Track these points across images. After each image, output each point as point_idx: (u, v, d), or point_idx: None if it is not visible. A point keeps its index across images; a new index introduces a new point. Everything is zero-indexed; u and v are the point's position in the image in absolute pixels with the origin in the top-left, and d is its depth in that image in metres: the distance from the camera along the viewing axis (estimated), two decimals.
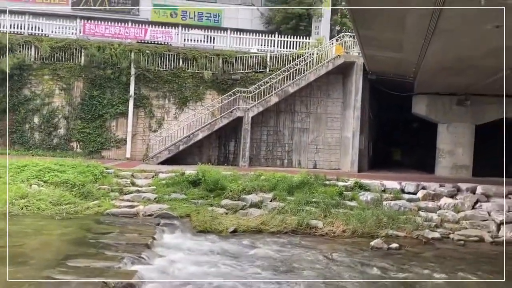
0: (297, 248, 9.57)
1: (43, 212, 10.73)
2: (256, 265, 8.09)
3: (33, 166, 12.89)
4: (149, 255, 7.89)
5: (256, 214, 11.70)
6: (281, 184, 13.20)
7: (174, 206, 11.75)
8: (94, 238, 8.77)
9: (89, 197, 11.97)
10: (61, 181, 12.31)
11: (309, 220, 11.26)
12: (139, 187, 13.32)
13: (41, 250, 7.74)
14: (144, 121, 18.96)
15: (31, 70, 18.49)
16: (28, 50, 18.59)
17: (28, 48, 18.61)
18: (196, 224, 10.68)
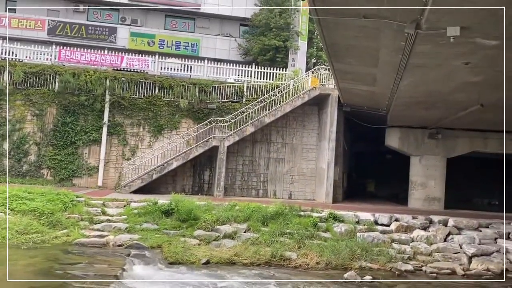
0: (270, 279, 9.43)
1: (8, 242, 10.31)
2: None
3: (0, 193, 12.47)
4: (118, 287, 7.63)
5: (230, 245, 11.53)
6: (256, 215, 13.11)
7: (145, 237, 11.51)
8: (61, 268, 8.48)
9: (57, 226, 11.63)
10: (29, 209, 11.93)
11: (283, 252, 11.16)
12: (110, 216, 13.01)
13: (3, 282, 7.39)
14: (117, 149, 18.69)
15: (2, 95, 18.13)
16: (0, 75, 18.27)
17: (1, 73, 18.29)
18: (167, 255, 10.44)
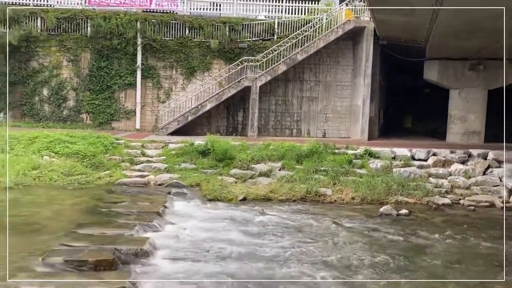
0: (305, 214, 9.62)
1: (55, 183, 10.88)
2: (264, 231, 8.17)
3: (44, 138, 13.01)
4: (160, 222, 8.00)
5: (265, 183, 11.75)
6: (290, 153, 13.20)
7: (184, 176, 11.86)
8: (106, 207, 8.89)
9: (100, 167, 12.10)
10: (72, 152, 12.42)
11: (318, 188, 11.30)
12: (150, 157, 13.41)
13: (54, 219, 7.88)
14: (152, 92, 18.92)
15: (38, 42, 18.41)
16: (34, 22, 18.46)
17: (34, 20, 18.47)
18: (206, 193, 10.77)
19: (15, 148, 12.41)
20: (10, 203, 8.95)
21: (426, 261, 7.05)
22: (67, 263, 5.58)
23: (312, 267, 6.40)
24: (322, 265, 6.55)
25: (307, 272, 6.22)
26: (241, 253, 6.87)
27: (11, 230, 7.05)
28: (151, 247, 6.51)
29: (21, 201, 9.20)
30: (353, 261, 6.82)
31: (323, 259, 6.82)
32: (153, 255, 6.39)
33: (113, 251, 5.95)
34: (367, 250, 7.36)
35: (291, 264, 6.48)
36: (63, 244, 6.35)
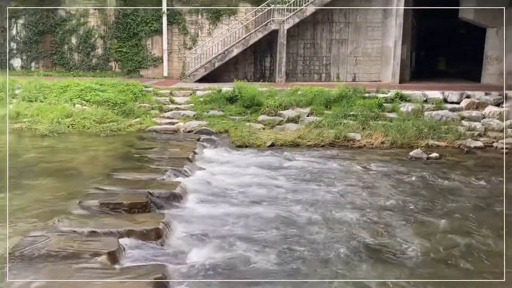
0: (334, 159, 9.65)
1: (88, 130, 11.17)
2: (293, 176, 8.26)
3: (75, 86, 13.24)
4: (190, 168, 8.17)
5: (293, 129, 11.76)
6: (318, 98, 13.06)
7: (212, 123, 11.97)
8: (138, 153, 9.12)
9: (130, 115, 12.32)
10: (102, 100, 12.64)
11: (346, 133, 11.24)
12: (178, 104, 13.53)
13: (88, 165, 8.17)
14: (178, 38, 18.76)
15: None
16: None
17: None
18: (234, 139, 10.88)
19: (48, 97, 12.72)
20: (47, 150, 9.30)
21: (455, 202, 7.02)
22: (102, 206, 5.82)
23: (340, 210, 6.48)
24: (349, 208, 6.62)
25: (334, 215, 6.30)
26: (269, 197, 6.99)
27: (50, 175, 7.37)
28: (182, 191, 6.69)
29: (57, 148, 9.54)
30: (381, 204, 6.87)
31: (350, 203, 6.89)
32: (184, 198, 6.57)
33: (146, 195, 6.15)
34: (396, 194, 7.37)
35: (319, 208, 6.57)
36: (99, 188, 6.60)
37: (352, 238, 5.51)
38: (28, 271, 4.04)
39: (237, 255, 4.92)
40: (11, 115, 11.72)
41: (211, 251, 4.94)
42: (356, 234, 5.65)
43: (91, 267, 4.18)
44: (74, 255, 4.37)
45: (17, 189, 6.54)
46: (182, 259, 4.74)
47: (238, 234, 5.48)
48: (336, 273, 4.64)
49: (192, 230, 5.55)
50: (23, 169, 7.77)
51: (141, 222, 5.25)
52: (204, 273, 4.51)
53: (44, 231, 4.92)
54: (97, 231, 4.98)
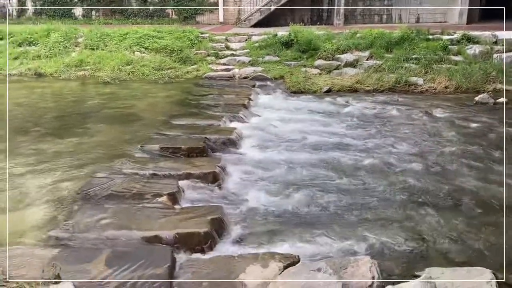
0: (394, 105, 9.33)
1: (147, 77, 11.46)
2: (351, 122, 8.11)
3: (134, 34, 13.49)
4: (246, 114, 8.23)
5: (351, 74, 11.42)
6: (379, 41, 12.52)
7: (267, 68, 11.87)
8: (195, 99, 9.29)
9: (187, 61, 12.46)
10: (160, 47, 12.83)
11: (408, 77, 10.79)
12: (234, 50, 13.48)
13: (148, 111, 8.44)
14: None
15: None
16: None
17: None
18: (290, 85, 10.76)
19: (108, 45, 13.07)
20: (110, 97, 9.68)
21: None
22: (162, 150, 6.05)
23: (398, 158, 6.33)
24: (408, 155, 6.45)
25: (391, 162, 6.17)
26: (326, 143, 6.94)
27: (113, 120, 7.72)
28: (238, 136, 6.79)
29: (119, 95, 9.89)
30: (442, 151, 6.63)
31: (409, 149, 6.71)
32: (240, 144, 6.68)
33: (204, 140, 6.30)
34: (458, 141, 7.07)
35: (376, 154, 6.45)
36: (159, 133, 6.84)
37: (413, 186, 5.39)
38: (95, 210, 4.32)
39: (292, 199, 4.98)
40: (75, 62, 12.20)
41: (266, 195, 5.04)
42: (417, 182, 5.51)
43: (153, 207, 4.40)
44: (137, 196, 4.61)
45: (83, 134, 6.91)
46: (238, 202, 4.87)
47: (293, 179, 5.52)
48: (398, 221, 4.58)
49: (247, 174, 5.66)
50: (88, 115, 8.16)
51: (199, 166, 5.41)
52: (259, 215, 4.62)
53: (109, 173, 5.21)
54: (158, 173, 5.20)
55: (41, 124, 7.54)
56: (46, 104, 9.09)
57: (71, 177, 5.15)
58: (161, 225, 4.05)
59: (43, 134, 6.91)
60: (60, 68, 12.03)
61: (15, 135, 6.81)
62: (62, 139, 6.63)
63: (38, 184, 4.98)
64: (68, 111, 8.51)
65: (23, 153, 6.02)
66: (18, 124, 7.45)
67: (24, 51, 13.10)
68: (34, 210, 4.39)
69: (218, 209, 4.43)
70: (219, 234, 4.10)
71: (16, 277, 3.14)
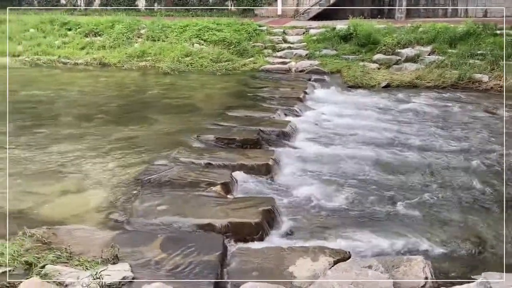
0: (456, 102, 8.97)
1: (205, 69, 11.69)
2: (410, 119, 7.88)
3: (194, 26, 13.78)
4: (301, 107, 8.22)
5: (412, 69, 11.08)
6: (442, 36, 12.06)
7: (324, 62, 11.75)
8: (250, 92, 9.39)
9: (244, 54, 12.58)
10: (218, 40, 13.03)
11: (472, 74, 10.31)
12: (291, 43, 13.45)
13: (205, 102, 8.63)
14: None
15: None
16: None
17: None
18: (347, 79, 10.61)
19: (169, 36, 13.44)
20: (169, 87, 9.97)
21: None
22: (217, 141, 6.18)
23: (457, 157, 6.09)
24: (471, 155, 6.18)
25: (450, 161, 5.95)
26: (382, 139, 6.80)
27: (171, 110, 7.96)
28: (292, 130, 6.80)
29: (178, 85, 10.18)
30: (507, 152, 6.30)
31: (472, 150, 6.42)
32: (294, 137, 6.68)
33: (258, 132, 6.37)
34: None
35: (437, 155, 6.21)
36: (214, 123, 6.98)
37: (472, 187, 5.17)
38: (152, 196, 4.50)
39: (345, 194, 4.93)
40: (137, 53, 12.65)
41: (318, 189, 5.01)
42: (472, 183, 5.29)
43: (207, 195, 4.52)
44: (192, 184, 4.75)
45: (143, 122, 7.19)
46: (289, 194, 4.89)
47: (346, 175, 5.46)
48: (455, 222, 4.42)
49: (300, 167, 5.65)
50: (148, 105, 8.47)
51: (252, 157, 5.48)
52: (310, 208, 4.62)
53: (166, 161, 5.39)
54: (213, 163, 5.32)
55: (105, 111, 7.91)
56: (110, 93, 9.51)
57: (131, 163, 5.38)
58: (214, 213, 4.15)
59: (106, 121, 7.25)
60: (123, 58, 12.52)
61: (80, 121, 7.19)
62: (123, 126, 6.93)
63: (100, 168, 5.24)
64: (130, 100, 8.86)
65: (88, 138, 6.35)
66: (83, 111, 7.86)
67: (90, 41, 13.74)
68: (96, 192, 4.64)
69: (270, 200, 4.47)
70: (270, 225, 4.15)
71: (78, 254, 3.33)
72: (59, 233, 3.65)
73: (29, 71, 11.96)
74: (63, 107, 8.16)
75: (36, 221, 3.97)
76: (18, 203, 4.34)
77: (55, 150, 5.81)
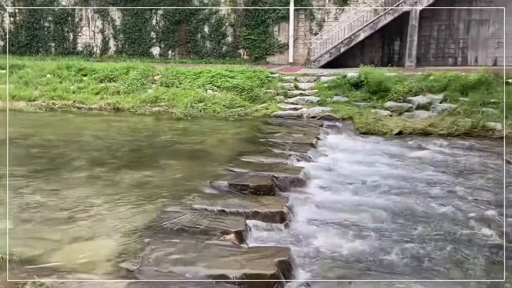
0: (469, 150, 8.89)
1: (218, 114, 11.78)
2: (422, 167, 7.78)
3: (207, 73, 14.00)
4: (313, 154, 8.18)
5: (423, 116, 11.07)
6: (453, 84, 12.10)
7: (336, 109, 11.79)
8: (263, 137, 9.39)
9: (257, 100, 12.69)
10: (231, 86, 13.20)
11: (485, 122, 10.26)
12: (302, 90, 13.57)
13: (218, 147, 8.62)
14: (304, 24, 18.74)
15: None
16: None
17: None
18: (359, 126, 10.61)
19: (183, 83, 13.66)
20: (182, 132, 10.03)
21: None
22: (231, 187, 6.11)
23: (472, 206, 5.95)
24: (486, 204, 6.04)
25: (464, 209, 5.81)
26: (395, 187, 6.69)
27: (184, 155, 7.96)
28: (305, 176, 6.73)
29: (191, 131, 10.23)
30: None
31: (487, 198, 6.28)
32: (308, 184, 6.60)
33: (271, 178, 6.30)
34: None
35: (451, 202, 6.09)
36: (227, 169, 6.93)
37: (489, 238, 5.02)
38: (165, 244, 4.40)
39: (361, 244, 4.80)
40: (151, 99, 12.84)
41: (334, 238, 4.90)
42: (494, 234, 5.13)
43: (221, 244, 4.41)
44: (205, 232, 4.66)
45: (156, 167, 7.17)
46: (305, 243, 4.77)
47: (361, 223, 5.34)
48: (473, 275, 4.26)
49: (315, 215, 5.55)
50: (161, 150, 8.48)
51: (266, 204, 5.40)
52: (327, 258, 4.48)
53: (178, 207, 5.32)
54: (226, 210, 5.24)
55: (118, 156, 7.93)
56: (123, 138, 9.57)
57: (143, 210, 5.31)
58: (228, 263, 4.03)
59: (119, 166, 7.24)
60: (137, 103, 12.70)
61: (93, 166, 7.19)
62: (136, 171, 6.91)
63: (111, 215, 5.18)
64: (143, 145, 8.89)
65: (100, 183, 6.32)
66: (97, 155, 7.88)
67: (105, 86, 14.00)
68: (107, 240, 4.55)
69: (286, 250, 4.35)
70: (286, 276, 4.01)
71: None
72: (68, 284, 3.55)
73: (44, 116, 12.15)
74: (76, 152, 8.19)
75: (46, 268, 3.87)
76: (29, 250, 4.26)
77: (67, 195, 5.78)
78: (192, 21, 19.70)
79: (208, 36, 19.70)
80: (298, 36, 18.81)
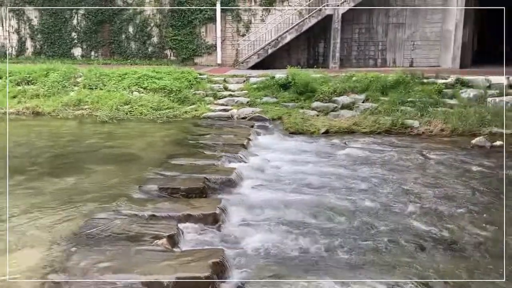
0: (390, 147, 9.38)
1: (145, 117, 11.50)
2: (349, 163, 8.10)
3: (133, 74, 13.63)
4: (245, 154, 8.21)
5: (348, 116, 11.53)
6: (374, 85, 12.72)
7: (266, 109, 11.96)
8: (193, 139, 9.29)
9: (185, 102, 12.54)
10: (159, 88, 12.95)
11: (404, 120, 10.90)
12: (232, 91, 13.62)
13: (147, 150, 8.40)
14: (232, 26, 18.83)
15: None
16: None
17: None
18: (288, 126, 10.82)
19: (107, 84, 13.18)
20: (106, 136, 9.66)
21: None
22: (161, 190, 5.98)
23: (394, 199, 6.30)
24: (404, 197, 6.42)
25: (388, 203, 6.14)
26: (323, 184, 6.90)
27: (111, 160, 7.67)
28: (237, 177, 6.74)
29: (117, 134, 9.88)
30: (442, 193, 6.60)
31: (406, 191, 6.68)
32: (240, 184, 6.62)
33: (203, 180, 6.25)
34: (455, 183, 7.06)
35: (376, 196, 6.41)
36: (157, 173, 6.78)
37: (409, 229, 5.33)
38: (93, 252, 4.21)
39: (293, 241, 4.89)
40: (74, 102, 12.25)
41: (267, 237, 4.94)
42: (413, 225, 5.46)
43: (152, 250, 4.30)
44: (135, 238, 4.51)
45: (81, 173, 6.84)
46: (238, 244, 4.78)
47: (293, 221, 5.44)
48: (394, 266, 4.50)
49: (248, 215, 5.58)
50: (86, 155, 8.12)
51: (198, 207, 5.34)
52: (260, 258, 4.52)
53: (107, 214, 5.12)
54: (157, 215, 5.12)
55: (39, 163, 7.48)
56: (44, 143, 9.04)
57: (69, 218, 5.05)
58: (160, 268, 3.93)
59: (40, 174, 6.83)
60: (58, 107, 12.07)
61: (12, 174, 6.72)
62: (59, 178, 6.55)
63: (35, 225, 4.87)
64: (66, 150, 8.46)
65: (21, 193, 5.92)
66: (16, 163, 7.37)
67: (22, 90, 13.17)
68: (31, 251, 4.27)
69: (219, 252, 4.32)
70: (220, 278, 3.99)
71: None
72: None
73: None
74: None
75: None
76: None
77: None
78: (115, 21, 19.08)
79: (133, 36, 19.19)
80: (226, 37, 18.85)
